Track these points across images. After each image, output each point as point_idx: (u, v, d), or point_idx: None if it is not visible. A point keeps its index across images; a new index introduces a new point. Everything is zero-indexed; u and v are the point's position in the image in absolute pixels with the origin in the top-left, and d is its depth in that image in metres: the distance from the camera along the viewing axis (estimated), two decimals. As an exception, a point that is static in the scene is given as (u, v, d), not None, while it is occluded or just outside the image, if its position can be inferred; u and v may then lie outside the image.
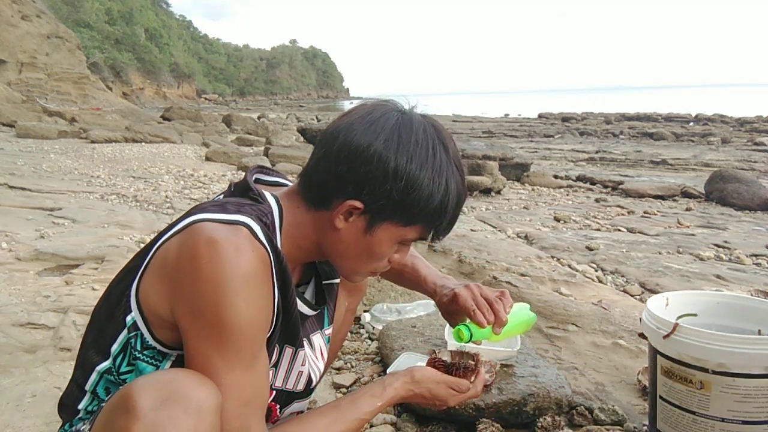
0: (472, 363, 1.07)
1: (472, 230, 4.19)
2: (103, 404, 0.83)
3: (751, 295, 2.53)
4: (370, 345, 2.10)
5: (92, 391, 0.91)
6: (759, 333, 1.35)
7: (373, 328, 2.22)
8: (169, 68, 61.04)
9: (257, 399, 0.83)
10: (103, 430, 0.75)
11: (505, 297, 1.13)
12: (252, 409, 0.82)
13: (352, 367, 1.93)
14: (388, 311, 2.29)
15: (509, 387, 1.52)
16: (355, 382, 1.82)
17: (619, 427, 1.51)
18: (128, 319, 0.86)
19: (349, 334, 2.22)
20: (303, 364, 1.02)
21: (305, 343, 1.03)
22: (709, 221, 5.30)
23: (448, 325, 1.79)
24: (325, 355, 1.11)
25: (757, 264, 3.58)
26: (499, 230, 4.48)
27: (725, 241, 4.18)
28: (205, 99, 66.26)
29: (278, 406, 1.01)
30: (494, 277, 2.66)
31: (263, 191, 0.92)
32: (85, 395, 0.92)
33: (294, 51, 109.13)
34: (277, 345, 0.94)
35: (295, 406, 1.07)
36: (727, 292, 2.37)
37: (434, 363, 1.08)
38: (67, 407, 0.95)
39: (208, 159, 8.58)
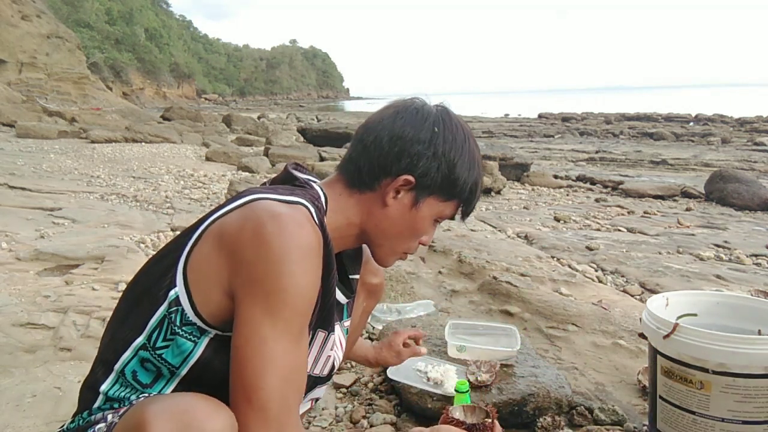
0: (489, 421, 1.09)
1: (472, 230, 4.19)
2: (125, 393, 0.88)
3: (751, 295, 2.53)
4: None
5: (120, 371, 0.90)
6: (759, 333, 1.35)
7: (373, 328, 2.22)
8: (169, 68, 61.03)
9: (297, 376, 0.83)
10: None
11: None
12: (292, 387, 0.82)
13: (352, 367, 1.93)
14: (388, 311, 2.29)
15: (509, 387, 1.52)
16: (354, 382, 1.82)
17: (619, 427, 1.51)
18: (171, 293, 0.86)
19: (349, 334, 2.22)
20: (332, 349, 1.05)
21: (335, 335, 1.05)
22: (709, 221, 5.30)
23: (448, 326, 1.80)
24: (343, 347, 1.13)
25: (757, 264, 3.58)
26: (499, 230, 4.48)
27: (725, 241, 4.18)
28: (205, 99, 66.25)
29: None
30: (494, 277, 2.66)
31: (309, 179, 1.00)
32: (109, 376, 0.91)
33: (294, 51, 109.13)
34: (310, 330, 0.95)
35: (317, 391, 1.09)
36: (727, 292, 2.37)
37: (450, 422, 1.09)
38: (87, 392, 0.94)
39: (208, 159, 8.58)
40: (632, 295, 2.78)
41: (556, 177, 8.75)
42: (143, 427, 0.71)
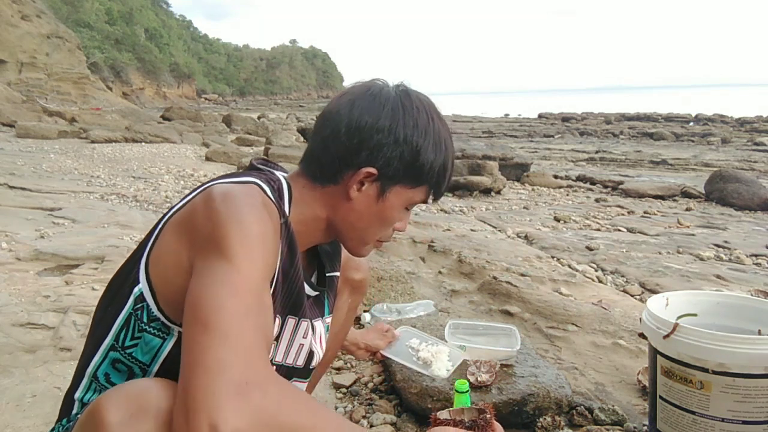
0: (488, 416, 1.03)
1: (472, 230, 4.19)
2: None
3: (751, 295, 2.53)
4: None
5: (93, 375, 0.89)
6: (759, 333, 1.35)
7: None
8: (169, 68, 61.00)
9: (262, 312, 0.74)
10: None
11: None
12: (257, 321, 0.72)
13: (352, 367, 1.93)
14: (388, 311, 2.29)
15: (509, 387, 1.52)
16: (354, 382, 1.82)
17: (619, 427, 1.51)
18: (135, 290, 0.86)
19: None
20: (305, 337, 1.01)
21: (309, 324, 1.03)
22: (709, 221, 5.31)
23: (448, 326, 1.80)
24: (324, 344, 1.10)
25: (757, 264, 3.58)
26: (499, 230, 4.48)
27: (725, 241, 4.18)
28: (205, 99, 66.22)
29: None
30: (494, 277, 2.66)
31: (270, 169, 0.99)
32: (82, 381, 0.90)
33: (294, 51, 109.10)
34: (279, 316, 0.93)
35: (296, 384, 1.06)
36: (727, 292, 2.37)
37: (445, 423, 1.01)
38: (67, 399, 0.94)
39: (208, 159, 8.58)
40: (632, 295, 2.78)
41: (556, 177, 8.76)
42: (97, 414, 0.69)
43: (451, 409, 1.08)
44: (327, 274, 1.11)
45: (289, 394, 0.68)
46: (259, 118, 23.83)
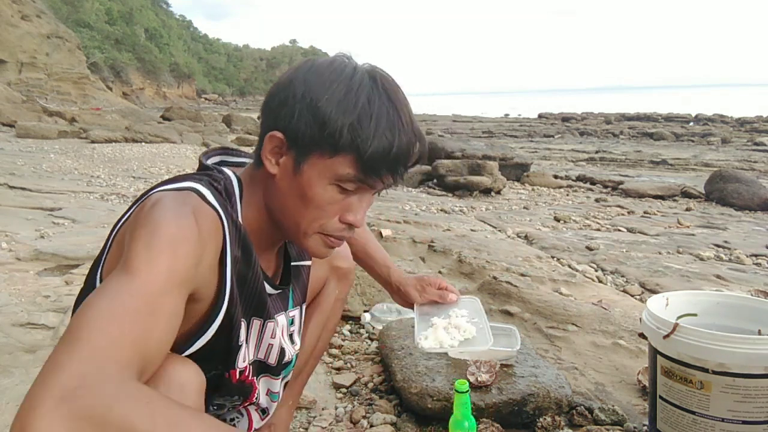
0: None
1: (472, 230, 4.19)
2: None
3: (751, 295, 2.53)
4: (370, 345, 2.10)
5: None
6: (759, 333, 1.35)
7: (373, 328, 2.22)
8: (169, 68, 60.98)
9: (125, 344, 0.62)
10: None
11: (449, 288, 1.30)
12: (107, 356, 0.60)
13: (352, 367, 1.93)
14: (388, 311, 2.29)
15: (509, 387, 1.52)
16: (354, 382, 1.82)
17: (619, 427, 1.51)
18: None
19: (349, 334, 2.22)
20: (273, 337, 0.98)
21: (275, 324, 1.00)
22: (709, 221, 5.31)
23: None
24: (290, 337, 1.07)
25: (757, 264, 3.58)
26: (499, 230, 4.48)
27: (725, 241, 4.18)
28: (205, 99, 66.18)
29: (255, 378, 0.99)
30: (494, 277, 2.66)
31: (222, 168, 0.91)
32: None
33: (294, 51, 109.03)
34: (243, 320, 0.90)
35: (267, 380, 1.03)
36: (727, 292, 2.37)
37: None
38: None
39: (208, 159, 8.58)
40: (632, 295, 2.78)
41: (556, 177, 8.76)
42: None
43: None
44: (292, 263, 1.06)
45: (131, 397, 0.57)
46: (259, 118, 23.78)
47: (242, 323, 0.90)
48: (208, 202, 0.80)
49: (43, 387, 0.55)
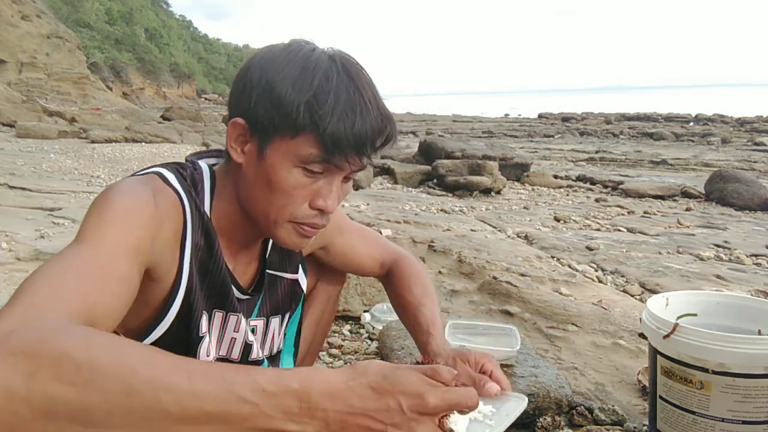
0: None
1: (472, 230, 4.19)
2: None
3: (751, 295, 2.53)
4: (370, 345, 2.10)
5: None
6: (759, 333, 1.35)
7: (373, 328, 2.22)
8: (169, 68, 60.98)
9: (68, 297, 0.61)
10: None
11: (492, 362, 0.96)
12: (44, 306, 0.58)
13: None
14: (388, 311, 2.28)
15: (509, 387, 1.52)
16: (355, 382, 1.82)
17: (619, 427, 1.51)
18: None
19: (349, 334, 2.22)
20: (236, 330, 0.95)
21: (238, 318, 0.96)
22: (709, 221, 5.31)
23: (448, 326, 1.79)
24: (256, 349, 1.04)
25: (757, 264, 3.58)
26: (499, 230, 4.48)
27: (725, 241, 4.18)
28: (205, 99, 66.15)
29: None
30: (494, 277, 2.66)
31: (197, 161, 0.92)
32: None
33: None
34: (205, 312, 0.90)
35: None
36: (727, 292, 2.37)
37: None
38: None
39: (208, 159, 8.58)
40: (632, 295, 2.78)
41: (556, 177, 8.76)
42: None
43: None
44: (269, 271, 1.03)
45: (68, 331, 0.54)
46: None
47: (203, 314, 0.89)
48: (170, 185, 0.81)
49: None
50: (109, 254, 0.68)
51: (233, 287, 0.94)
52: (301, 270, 1.11)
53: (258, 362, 1.02)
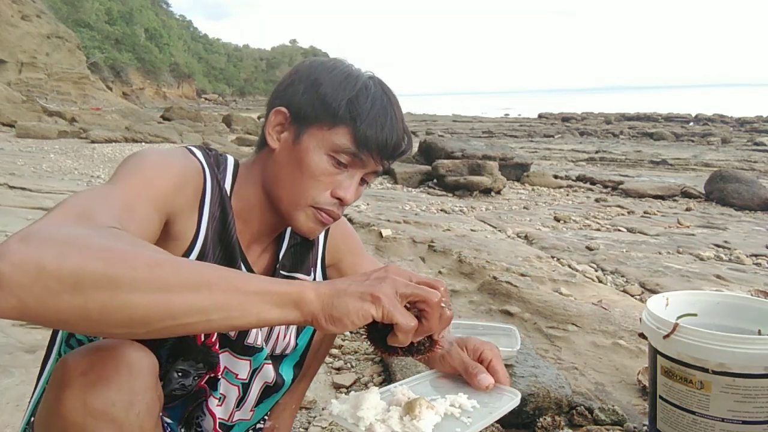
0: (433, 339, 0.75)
1: (472, 230, 4.19)
2: None
3: (751, 295, 2.53)
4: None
5: (58, 352, 0.90)
6: (759, 333, 1.35)
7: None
8: (169, 68, 60.99)
9: (115, 199, 0.72)
10: (43, 417, 0.71)
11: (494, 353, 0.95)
12: (76, 212, 0.65)
13: (352, 367, 1.93)
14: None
15: (509, 387, 1.52)
16: (355, 382, 1.82)
17: (619, 427, 1.51)
18: None
19: (349, 333, 2.22)
20: None
21: None
22: (709, 221, 5.31)
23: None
24: (269, 339, 1.06)
25: (757, 264, 3.58)
26: (499, 230, 4.48)
27: (725, 241, 4.18)
28: (205, 99, 66.18)
29: (219, 350, 0.96)
30: (494, 277, 2.66)
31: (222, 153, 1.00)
32: (48, 361, 0.91)
33: (294, 51, 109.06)
34: None
35: (228, 358, 0.97)
36: (727, 292, 2.37)
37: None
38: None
39: (208, 159, 8.58)
40: (632, 295, 2.78)
41: (556, 177, 8.76)
42: (60, 368, 0.68)
43: None
44: (282, 271, 1.06)
45: (97, 230, 0.61)
46: (259, 118, 23.82)
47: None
48: (196, 156, 0.89)
49: (10, 237, 0.57)
50: (135, 195, 0.75)
51: (245, 268, 0.97)
52: (320, 277, 1.12)
53: (257, 349, 1.01)
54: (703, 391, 1.21)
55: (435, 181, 7.61)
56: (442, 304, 0.70)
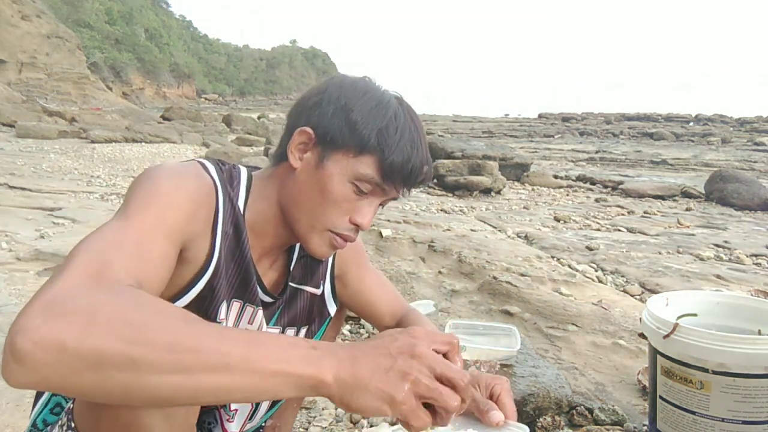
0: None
1: (472, 230, 4.19)
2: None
3: (751, 295, 2.53)
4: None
5: (33, 423, 0.91)
6: (759, 333, 1.35)
7: (373, 327, 2.22)
8: (169, 68, 61.00)
9: (133, 245, 0.71)
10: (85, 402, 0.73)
11: (505, 387, 0.94)
12: (123, 251, 0.68)
13: (352, 367, 1.93)
14: (388, 311, 2.29)
15: (509, 387, 1.52)
16: (355, 382, 1.82)
17: (619, 427, 1.51)
18: None
19: (349, 334, 2.22)
20: (250, 323, 0.97)
21: (254, 310, 0.98)
22: (709, 221, 5.31)
23: (448, 326, 1.80)
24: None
25: (757, 264, 3.58)
26: (499, 230, 4.48)
27: (725, 241, 4.18)
28: (205, 99, 66.18)
29: None
30: (494, 277, 2.66)
31: (236, 164, 0.98)
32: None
33: (294, 51, 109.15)
34: (225, 301, 0.91)
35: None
36: (727, 292, 2.37)
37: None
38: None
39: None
40: (632, 295, 2.78)
41: (556, 177, 8.76)
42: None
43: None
44: (291, 284, 1.05)
45: (122, 296, 0.60)
46: (259, 118, 23.84)
47: (224, 302, 0.91)
48: (209, 173, 0.87)
49: (30, 304, 0.57)
50: (150, 232, 0.74)
51: (256, 282, 0.96)
52: (328, 290, 1.12)
53: None
54: (703, 391, 1.21)
55: (435, 181, 7.61)
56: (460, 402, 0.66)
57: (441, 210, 5.51)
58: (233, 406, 0.99)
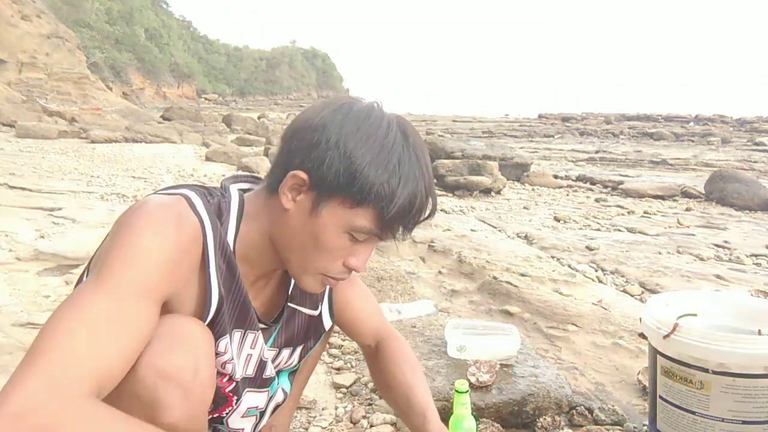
0: None
1: (472, 230, 4.19)
2: None
3: (751, 295, 2.53)
4: None
5: None
6: (759, 333, 1.35)
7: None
8: (169, 68, 61.00)
9: (106, 329, 0.70)
10: None
11: None
12: (57, 375, 0.65)
13: (352, 367, 1.93)
14: (388, 311, 2.29)
15: (509, 387, 1.52)
16: (355, 382, 1.82)
17: (619, 427, 1.51)
18: None
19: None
20: (252, 347, 0.97)
21: (255, 335, 0.97)
22: (709, 221, 5.31)
23: (448, 326, 1.80)
24: (274, 362, 1.06)
25: (757, 264, 3.58)
26: (499, 230, 4.48)
27: (725, 241, 4.18)
28: (205, 99, 66.11)
29: (234, 397, 0.96)
30: (494, 277, 2.66)
31: (229, 187, 0.93)
32: None
33: (294, 51, 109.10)
34: (227, 335, 0.90)
35: (251, 396, 0.99)
36: (727, 292, 2.37)
37: None
38: None
39: (208, 159, 8.59)
40: (632, 295, 2.78)
41: (556, 177, 8.77)
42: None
43: None
44: (289, 304, 1.04)
45: (78, 417, 0.64)
46: (259, 118, 23.84)
47: (226, 337, 0.90)
48: (195, 211, 0.83)
49: (1, 404, 0.61)
50: (126, 298, 0.73)
51: (253, 312, 0.95)
52: (326, 309, 1.12)
53: (270, 379, 1.03)
54: (703, 391, 1.21)
55: (435, 181, 7.61)
56: None
57: (441, 210, 5.51)
58: (238, 425, 1.00)
